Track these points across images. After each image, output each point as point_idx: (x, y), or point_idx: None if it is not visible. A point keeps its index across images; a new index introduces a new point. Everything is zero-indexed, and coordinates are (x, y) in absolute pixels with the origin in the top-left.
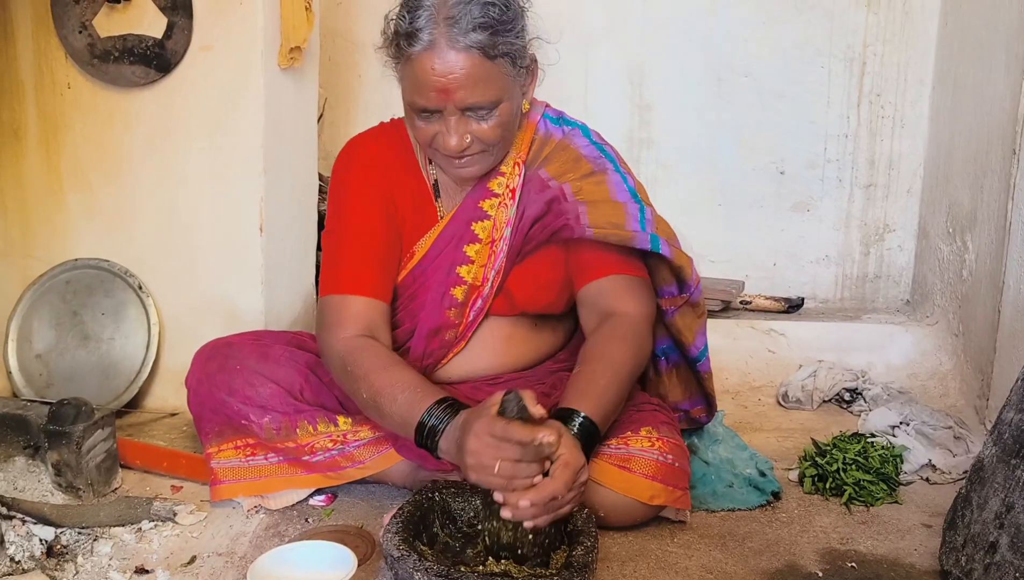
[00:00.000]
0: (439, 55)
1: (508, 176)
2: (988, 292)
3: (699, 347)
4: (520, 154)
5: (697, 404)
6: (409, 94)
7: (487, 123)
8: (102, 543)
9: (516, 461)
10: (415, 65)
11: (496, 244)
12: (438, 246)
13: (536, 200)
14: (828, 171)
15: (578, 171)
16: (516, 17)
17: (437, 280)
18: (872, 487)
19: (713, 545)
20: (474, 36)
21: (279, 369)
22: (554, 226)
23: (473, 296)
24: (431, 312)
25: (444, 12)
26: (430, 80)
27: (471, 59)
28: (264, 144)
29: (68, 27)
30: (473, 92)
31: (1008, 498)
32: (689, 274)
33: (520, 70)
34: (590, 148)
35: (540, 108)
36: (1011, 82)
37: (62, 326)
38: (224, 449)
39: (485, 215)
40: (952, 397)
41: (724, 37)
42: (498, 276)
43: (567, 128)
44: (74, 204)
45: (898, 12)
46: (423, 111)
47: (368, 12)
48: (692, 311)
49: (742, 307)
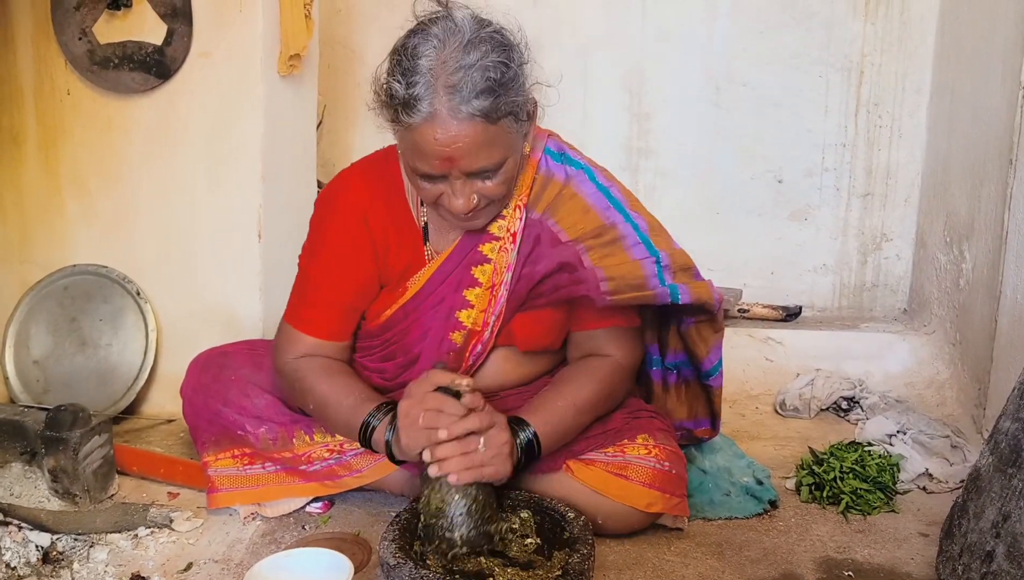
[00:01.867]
0: (441, 125)
1: (509, 219)
2: (985, 301)
3: (712, 361)
4: (521, 197)
5: (702, 424)
6: (410, 159)
7: (493, 181)
8: (98, 549)
9: (437, 410)
10: (415, 134)
11: (497, 289)
12: (432, 283)
13: (547, 255)
14: (826, 180)
15: (587, 224)
16: (517, 74)
17: (435, 322)
18: (869, 496)
19: (710, 553)
20: (476, 103)
21: (274, 379)
22: (573, 291)
23: (473, 341)
24: (430, 356)
25: (443, 80)
26: (433, 150)
27: (474, 127)
28: (263, 151)
29: (68, 34)
30: (478, 158)
31: (1004, 507)
32: (711, 303)
33: (522, 122)
34: (597, 196)
35: (542, 142)
36: (1008, 92)
37: (60, 332)
38: (221, 458)
39: (485, 259)
40: (949, 406)
41: (723, 46)
42: (498, 321)
43: (570, 169)
44: (73, 210)
45: (896, 22)
46: (426, 177)
47: (367, 20)
48: (710, 326)
49: (740, 315)
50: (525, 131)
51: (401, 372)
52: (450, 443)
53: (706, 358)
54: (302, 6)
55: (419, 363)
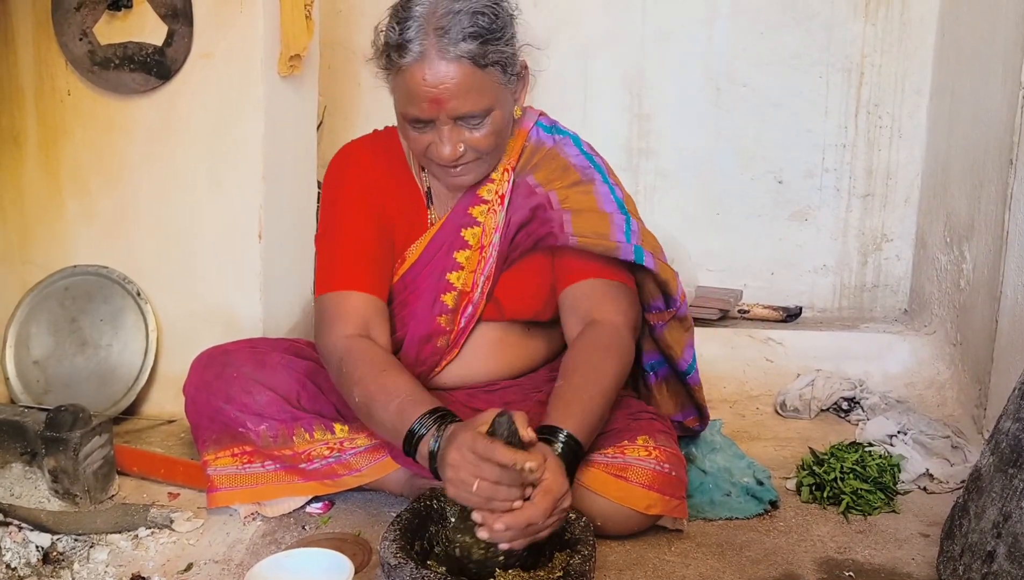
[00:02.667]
0: (430, 66)
1: (498, 182)
2: (986, 302)
3: (687, 361)
4: (510, 161)
5: (689, 414)
6: (401, 105)
7: (480, 131)
8: (99, 550)
9: (495, 483)
10: (406, 76)
11: (486, 250)
12: (429, 252)
13: (522, 206)
14: (826, 180)
15: (565, 179)
16: (506, 25)
17: (428, 286)
18: (870, 496)
19: (710, 554)
20: (464, 46)
21: (276, 376)
22: (539, 233)
23: (464, 302)
24: (422, 319)
25: (433, 23)
26: (421, 91)
27: (462, 69)
28: (263, 151)
29: (68, 34)
30: (465, 101)
31: (1005, 507)
32: (674, 289)
33: (511, 77)
34: (579, 157)
35: (533, 116)
36: (1008, 93)
37: (60, 332)
38: (221, 456)
39: (475, 221)
40: (950, 406)
41: (723, 47)
42: (488, 282)
43: (558, 137)
44: (73, 210)
45: (896, 23)
46: (416, 121)
47: (367, 21)
48: (680, 326)
49: (740, 316)
50: (514, 89)
51: (399, 348)
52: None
53: (680, 358)
54: (303, 7)
55: (411, 327)
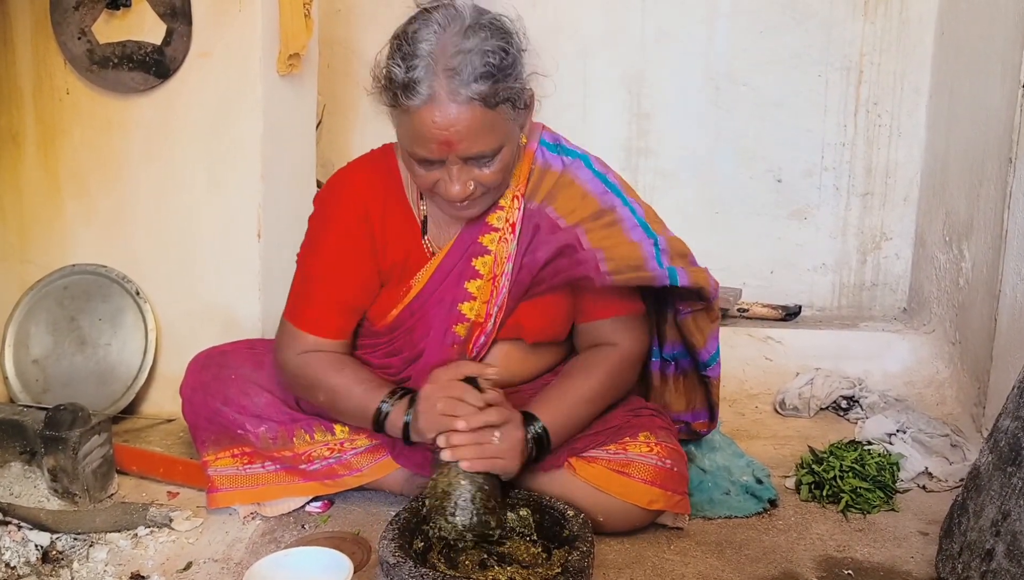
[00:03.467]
0: (440, 109)
1: (507, 209)
2: (984, 300)
3: (710, 351)
4: (519, 187)
5: (700, 417)
6: (408, 144)
7: (490, 168)
8: (98, 549)
9: (458, 399)
10: (413, 118)
11: (498, 279)
12: (435, 280)
13: (547, 242)
14: (825, 179)
15: (586, 209)
16: (516, 62)
17: (439, 317)
18: (869, 495)
19: (710, 552)
20: (475, 87)
21: (274, 378)
22: (573, 273)
23: (476, 333)
24: (435, 350)
25: (443, 63)
26: (431, 133)
27: (473, 111)
28: (262, 151)
29: (67, 33)
30: (476, 143)
31: (1004, 506)
32: (709, 289)
33: (519, 111)
34: (594, 182)
35: (536, 134)
36: (1007, 91)
37: (59, 331)
38: (221, 457)
39: (485, 250)
40: (949, 405)
41: (722, 47)
42: (500, 311)
43: (567, 159)
44: (72, 210)
45: (895, 22)
46: (423, 161)
47: (367, 20)
48: (707, 315)
49: (739, 315)
50: (522, 121)
51: (405, 367)
52: (466, 433)
53: (703, 348)
54: (301, 5)
55: (424, 358)
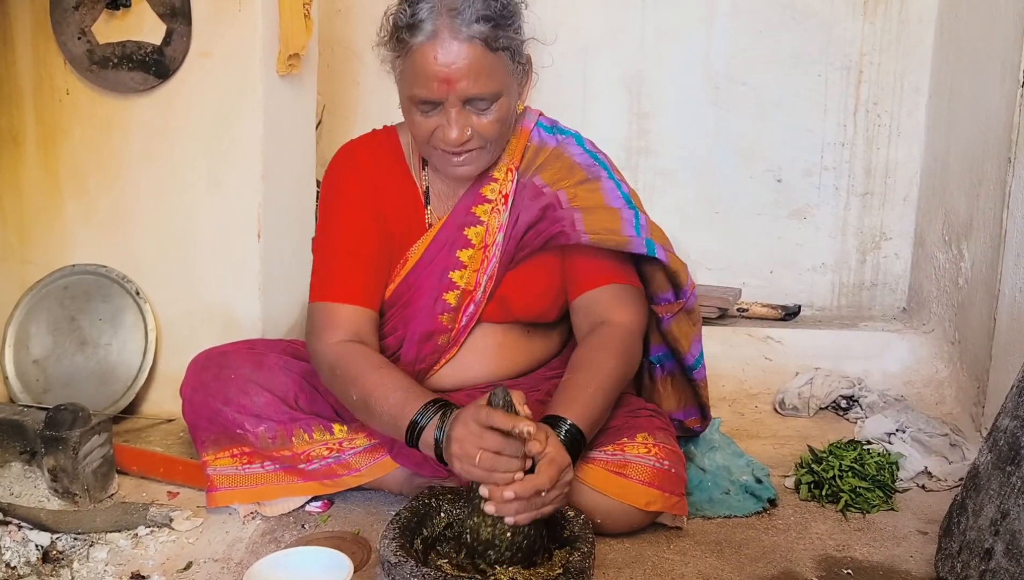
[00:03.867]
0: (442, 45)
1: (501, 182)
2: (984, 300)
3: (695, 355)
4: (513, 161)
5: (691, 414)
6: (409, 87)
7: (487, 117)
8: (98, 549)
9: (497, 452)
10: (417, 56)
11: (489, 249)
12: (431, 252)
13: (530, 206)
14: (825, 179)
15: (572, 178)
16: (515, 13)
17: (430, 285)
18: (868, 494)
19: (709, 552)
20: (477, 27)
21: (274, 378)
22: (549, 232)
23: (466, 301)
24: (424, 317)
25: (447, 4)
26: (432, 70)
27: (474, 49)
28: (262, 151)
29: (67, 33)
30: (475, 83)
31: (1003, 505)
32: (684, 279)
33: (518, 66)
34: (584, 156)
35: (534, 116)
36: (1006, 91)
37: (59, 331)
38: (221, 457)
39: (478, 220)
40: (948, 404)
41: (722, 46)
42: (491, 281)
43: (561, 137)
44: (72, 210)
45: (894, 22)
46: (424, 103)
47: (367, 20)
48: (687, 319)
49: (739, 315)
50: (520, 79)
51: (400, 345)
52: (516, 487)
53: (688, 352)
54: (301, 6)
55: (412, 325)
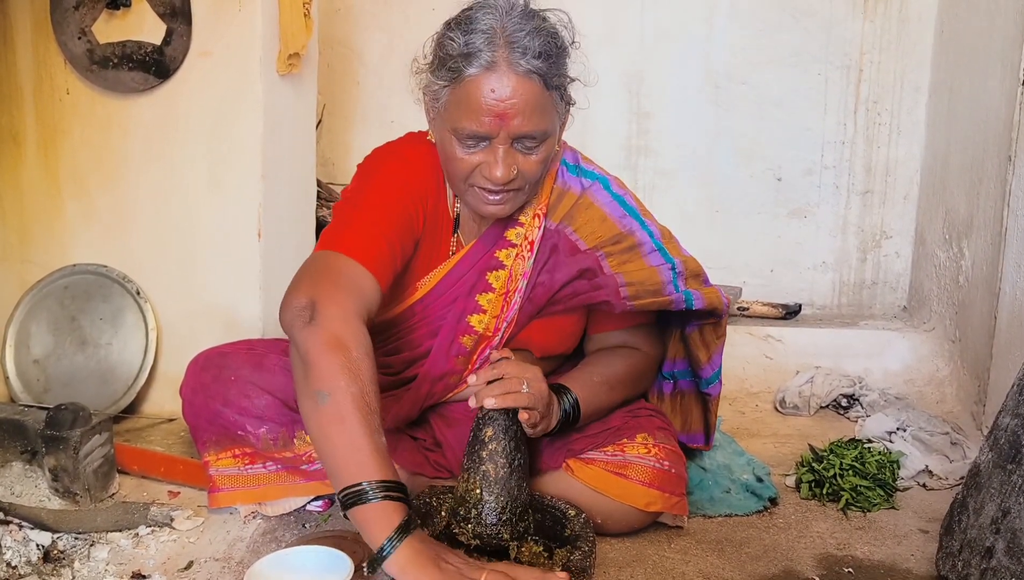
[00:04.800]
0: (499, 77)
1: (527, 227)
2: (984, 298)
3: (714, 367)
4: (540, 206)
5: (695, 439)
6: (456, 119)
7: (533, 156)
8: (99, 548)
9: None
10: (470, 87)
11: (510, 295)
12: (445, 284)
13: (567, 263)
14: (825, 178)
15: (606, 232)
16: (566, 50)
17: (448, 327)
18: (869, 493)
19: (710, 551)
20: (536, 62)
21: (274, 379)
22: (593, 298)
23: (482, 345)
24: (439, 359)
25: (504, 36)
26: (487, 104)
27: (531, 85)
28: (263, 150)
29: (67, 33)
30: (529, 120)
31: (1004, 503)
32: (721, 309)
33: (564, 107)
34: (613, 205)
35: (558, 154)
36: (1006, 90)
37: (60, 331)
38: (222, 458)
39: (500, 265)
40: (949, 403)
41: (722, 46)
42: (510, 327)
43: (585, 181)
44: (72, 209)
45: (894, 21)
46: (470, 137)
47: (367, 20)
48: (714, 331)
49: (740, 313)
50: (563, 120)
51: (406, 367)
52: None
53: (708, 363)
54: (301, 5)
55: (427, 365)
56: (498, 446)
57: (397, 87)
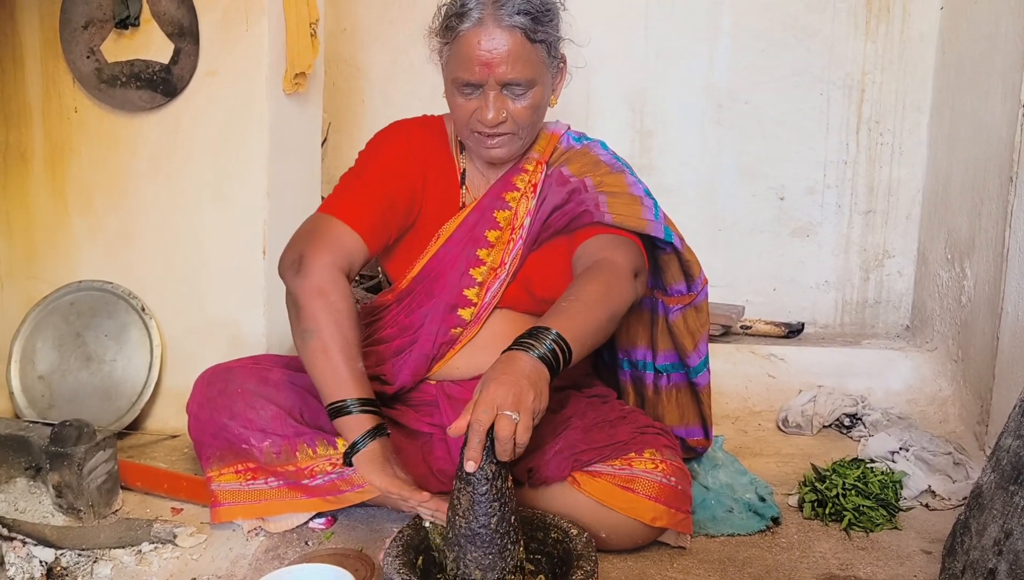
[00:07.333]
0: (486, 31)
1: (531, 173)
2: (987, 318)
3: (700, 355)
4: (544, 156)
5: (694, 433)
6: (453, 70)
7: (521, 102)
8: (102, 565)
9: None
10: (463, 41)
11: (515, 232)
12: (461, 231)
13: (557, 191)
14: (827, 197)
15: (598, 170)
16: (553, 11)
17: (458, 261)
18: (872, 513)
19: (713, 570)
20: (518, 18)
21: (279, 392)
22: (574, 212)
23: (491, 278)
24: (450, 289)
25: None
26: (475, 54)
27: (514, 37)
28: (268, 168)
29: (76, 52)
30: (513, 68)
31: (1007, 524)
32: (697, 271)
33: (553, 60)
34: (608, 156)
35: (564, 126)
36: (1008, 110)
37: (65, 347)
38: (225, 473)
39: (507, 205)
40: (952, 423)
41: (724, 65)
42: (514, 262)
43: (587, 141)
44: (79, 226)
45: (896, 41)
46: (466, 85)
47: (372, 39)
48: (696, 315)
49: (742, 332)
50: (554, 76)
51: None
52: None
53: (694, 351)
54: (307, 25)
55: (438, 296)
56: (479, 508)
57: (402, 105)
